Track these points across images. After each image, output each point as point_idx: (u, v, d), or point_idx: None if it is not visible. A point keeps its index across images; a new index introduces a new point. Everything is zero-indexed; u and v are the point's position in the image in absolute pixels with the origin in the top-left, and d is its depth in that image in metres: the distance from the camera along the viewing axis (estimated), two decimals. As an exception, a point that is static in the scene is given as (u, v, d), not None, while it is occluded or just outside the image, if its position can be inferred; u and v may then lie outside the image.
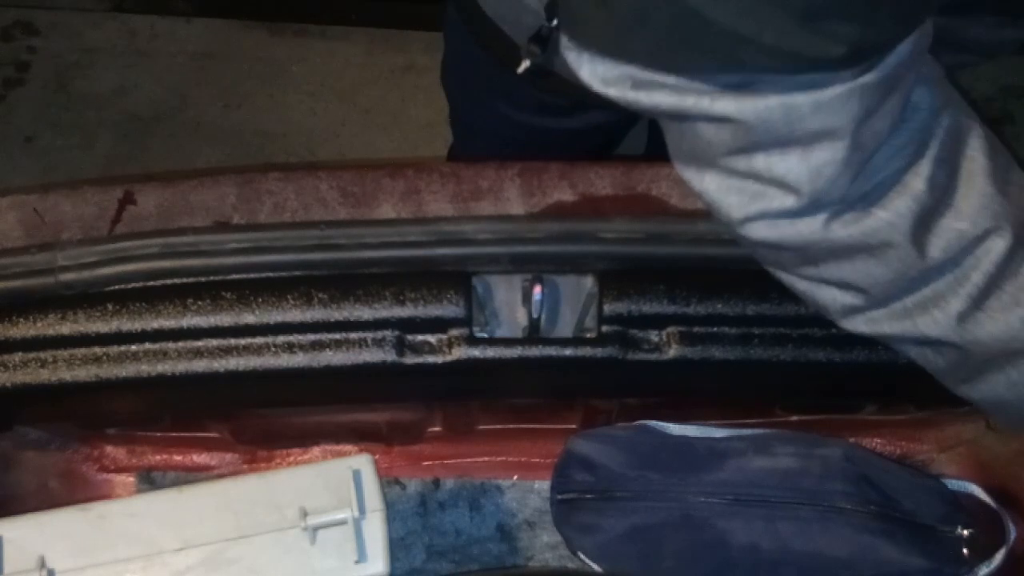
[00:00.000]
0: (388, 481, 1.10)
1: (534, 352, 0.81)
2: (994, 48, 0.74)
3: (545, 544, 1.09)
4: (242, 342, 0.80)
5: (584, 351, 0.81)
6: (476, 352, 0.80)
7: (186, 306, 0.80)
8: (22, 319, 0.80)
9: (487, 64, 0.98)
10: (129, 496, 1.08)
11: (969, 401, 0.72)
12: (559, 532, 0.96)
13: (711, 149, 0.61)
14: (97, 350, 0.80)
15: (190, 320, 0.79)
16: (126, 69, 2.15)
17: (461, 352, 0.80)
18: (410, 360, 0.81)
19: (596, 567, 0.94)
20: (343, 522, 0.78)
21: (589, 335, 0.81)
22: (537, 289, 0.79)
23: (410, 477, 1.11)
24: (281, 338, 0.80)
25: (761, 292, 0.80)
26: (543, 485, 1.08)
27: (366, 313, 0.80)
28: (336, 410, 1.00)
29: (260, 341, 0.80)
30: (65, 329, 0.79)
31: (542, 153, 1.10)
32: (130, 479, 1.10)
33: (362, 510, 0.79)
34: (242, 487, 0.80)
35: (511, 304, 0.82)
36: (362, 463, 0.81)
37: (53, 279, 0.79)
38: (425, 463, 1.11)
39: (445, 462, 1.11)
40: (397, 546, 1.07)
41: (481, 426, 1.05)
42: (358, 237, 0.80)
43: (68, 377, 0.79)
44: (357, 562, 0.78)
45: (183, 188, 0.83)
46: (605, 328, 0.81)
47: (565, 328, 0.82)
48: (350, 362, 0.80)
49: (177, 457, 1.10)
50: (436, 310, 0.80)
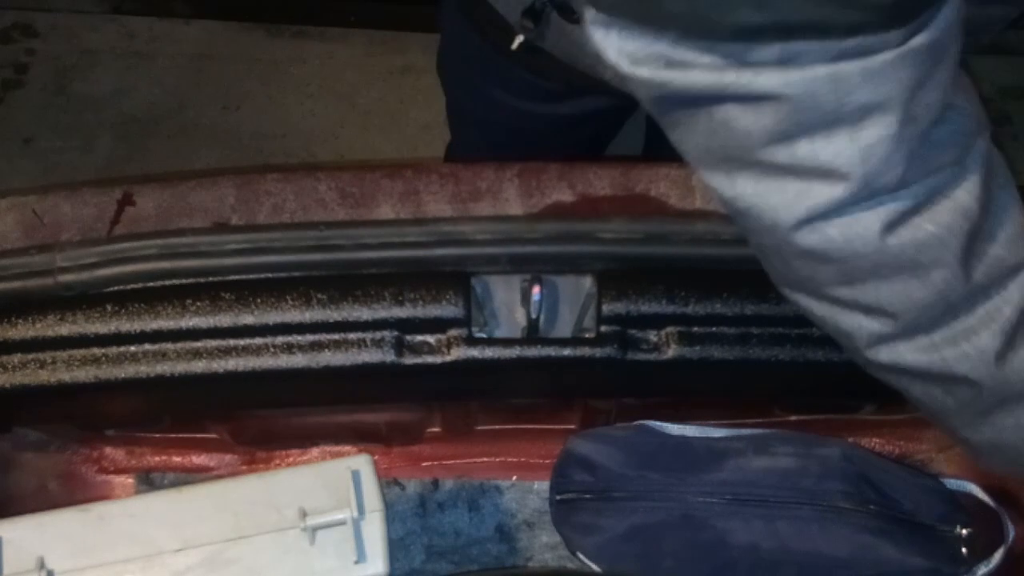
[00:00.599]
0: (387, 482, 1.10)
1: (533, 352, 0.81)
2: (982, 27, 0.72)
3: (544, 544, 1.09)
4: (241, 343, 0.80)
5: (583, 351, 0.81)
6: (475, 352, 0.80)
7: (185, 307, 0.80)
8: (21, 320, 0.80)
9: (481, 49, 0.98)
10: (128, 497, 1.08)
11: (965, 444, 0.70)
12: (558, 532, 0.96)
13: (748, 141, 0.56)
14: (96, 351, 0.80)
15: (189, 321, 0.79)
16: (125, 71, 2.15)
17: (460, 352, 0.80)
18: (409, 360, 0.81)
19: (595, 567, 0.94)
20: (342, 522, 0.78)
21: (588, 335, 0.81)
22: (536, 289, 0.79)
23: (409, 478, 1.11)
24: (280, 339, 0.80)
25: (760, 292, 0.80)
26: (542, 485, 1.08)
27: (365, 314, 0.80)
28: (335, 411, 1.00)
29: (259, 342, 0.80)
30: (64, 330, 0.79)
31: (537, 141, 1.10)
32: (129, 480, 1.10)
33: (361, 510, 0.79)
34: (241, 488, 0.80)
35: (510, 304, 0.82)
36: (361, 463, 0.81)
37: (52, 280, 0.79)
38: (424, 464, 1.11)
39: (444, 463, 1.11)
40: (396, 547, 1.07)
41: (480, 426, 1.05)
42: (357, 238, 0.81)
43: (67, 378, 0.79)
44: (356, 562, 0.78)
45: (182, 189, 0.83)
46: (604, 328, 0.81)
47: (564, 328, 0.82)
48: (349, 363, 0.80)
49: (176, 458, 1.10)
50: (435, 310, 0.80)
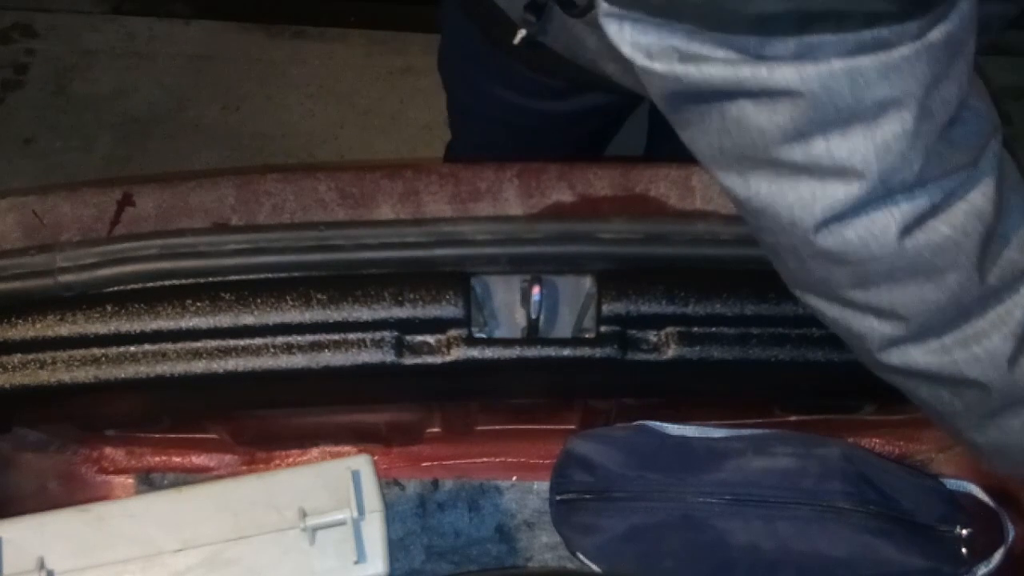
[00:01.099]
0: (387, 482, 1.10)
1: (533, 352, 0.81)
2: (981, 27, 0.72)
3: (544, 545, 1.09)
4: (241, 343, 0.80)
5: (583, 351, 0.81)
6: (475, 352, 0.80)
7: (185, 307, 0.80)
8: (21, 320, 0.80)
9: (482, 46, 0.98)
10: (128, 497, 1.08)
11: (969, 445, 0.70)
12: (558, 533, 0.96)
13: (762, 139, 0.56)
14: (96, 351, 0.80)
15: (189, 321, 0.79)
16: (125, 71, 2.15)
17: (460, 353, 0.80)
18: (409, 361, 0.81)
19: (595, 568, 0.94)
20: (342, 523, 0.78)
21: (588, 335, 0.81)
22: (536, 289, 0.79)
23: (409, 478, 1.11)
24: (280, 339, 0.80)
25: (759, 292, 0.80)
26: (542, 486, 1.08)
27: (365, 314, 0.80)
28: (335, 411, 1.00)
29: (259, 342, 0.80)
30: (64, 330, 0.79)
31: (538, 138, 1.10)
32: (129, 480, 1.10)
33: (361, 511, 0.79)
34: (241, 488, 0.80)
35: (510, 305, 0.82)
36: (361, 464, 0.81)
37: (52, 280, 0.79)
38: (424, 464, 1.11)
39: (444, 463, 1.11)
40: (396, 547, 1.07)
41: (480, 427, 1.05)
42: (357, 238, 0.81)
43: (67, 378, 0.79)
44: (356, 563, 0.78)
45: (182, 190, 0.83)
46: (603, 328, 0.81)
47: (564, 328, 0.82)
48: (349, 363, 0.80)
49: (176, 458, 1.10)
50: (435, 311, 0.80)
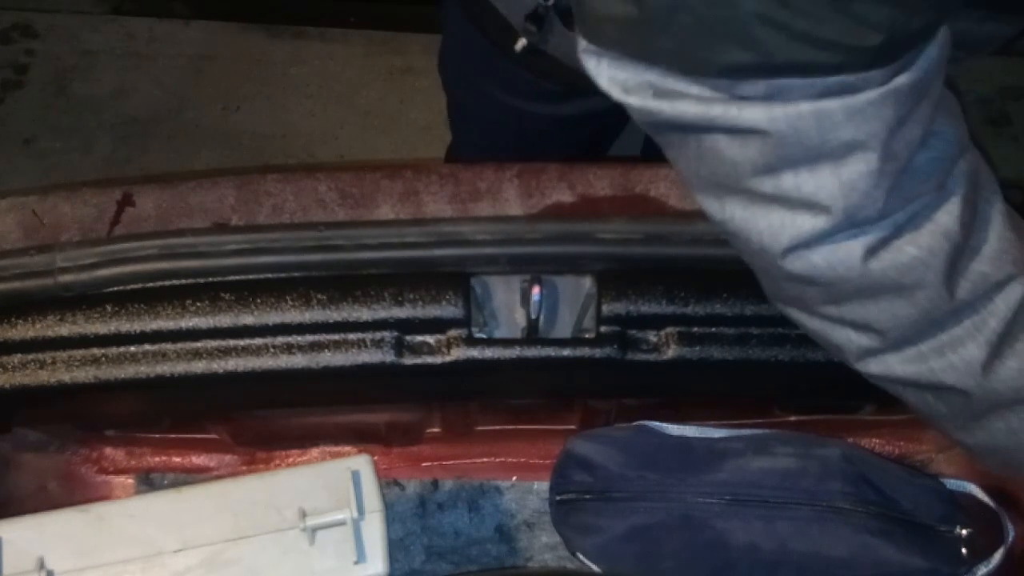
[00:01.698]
0: (387, 482, 1.10)
1: (533, 353, 0.81)
2: (978, 44, 0.73)
3: (544, 545, 1.09)
4: (241, 343, 0.80)
5: (582, 351, 0.81)
6: (475, 353, 0.80)
7: (185, 307, 0.80)
8: (21, 321, 0.80)
9: (483, 49, 0.98)
10: (128, 497, 1.08)
11: (962, 446, 0.71)
12: (558, 533, 0.96)
13: (735, 171, 0.58)
14: (96, 351, 0.80)
15: (189, 321, 0.79)
16: (125, 72, 2.15)
17: (460, 353, 0.80)
18: (409, 361, 0.81)
19: (595, 568, 0.94)
20: (342, 523, 0.78)
21: (587, 335, 0.81)
22: (536, 290, 0.79)
23: (409, 478, 1.11)
24: (280, 339, 0.80)
25: (759, 292, 0.80)
26: (542, 486, 1.08)
27: (365, 314, 0.80)
28: (335, 411, 1.00)
29: (259, 342, 0.80)
30: (64, 330, 0.79)
31: (538, 141, 1.10)
32: (129, 481, 1.10)
33: (361, 511, 0.79)
34: (241, 488, 0.80)
35: (510, 305, 0.82)
36: (361, 464, 0.81)
37: (52, 281, 0.79)
38: (424, 464, 1.11)
39: (444, 463, 1.11)
40: (396, 547, 1.07)
41: (480, 427, 1.05)
42: (357, 238, 0.81)
43: (67, 379, 0.79)
44: (356, 563, 0.78)
45: (182, 190, 0.83)
46: (603, 328, 0.81)
47: (564, 329, 0.82)
48: (349, 363, 0.80)
49: (176, 459, 1.10)
50: (435, 311, 0.80)
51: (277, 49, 2.19)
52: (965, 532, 0.90)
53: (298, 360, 0.80)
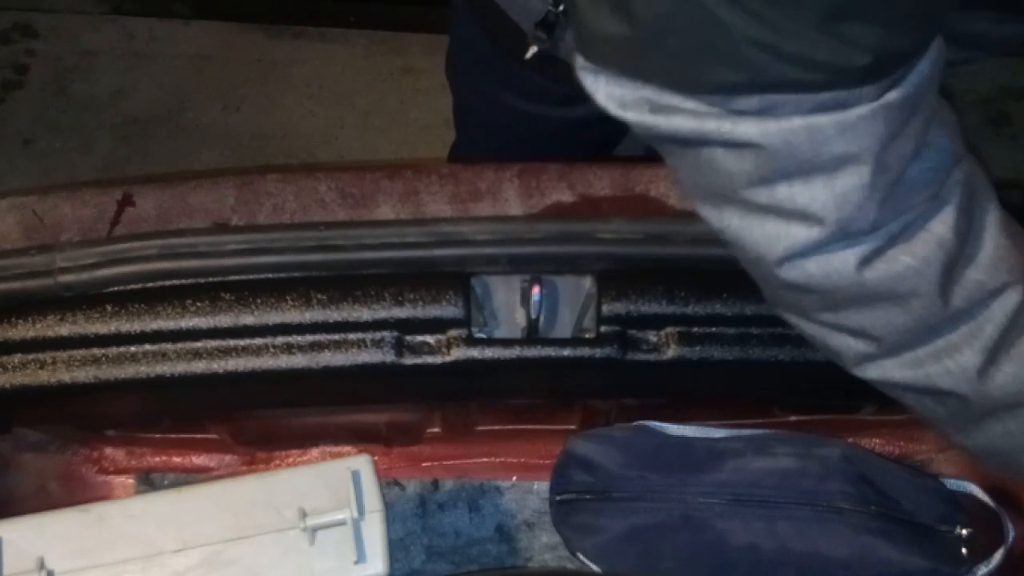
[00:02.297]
0: (387, 482, 1.10)
1: (533, 352, 0.81)
2: (996, 45, 0.73)
3: (544, 545, 1.09)
4: (241, 343, 0.80)
5: (583, 351, 0.81)
6: (475, 353, 0.80)
7: (185, 307, 0.80)
8: (21, 321, 0.80)
9: (493, 53, 0.98)
10: (128, 497, 1.08)
11: (960, 448, 0.72)
12: (558, 533, 0.96)
13: (731, 182, 0.59)
14: (96, 351, 0.80)
15: (189, 321, 0.79)
16: (125, 72, 2.15)
17: (460, 353, 0.80)
18: (409, 361, 0.81)
19: (595, 568, 0.94)
20: (342, 523, 0.78)
21: (588, 335, 0.81)
22: (536, 290, 0.79)
23: (409, 478, 1.11)
24: (280, 339, 0.80)
25: (759, 292, 0.80)
26: (542, 486, 1.08)
27: (365, 314, 0.80)
28: (335, 411, 1.00)
29: (259, 342, 0.80)
30: (64, 330, 0.79)
31: (547, 143, 1.10)
32: (129, 481, 1.10)
33: (361, 511, 0.79)
34: (241, 488, 0.80)
35: (510, 305, 0.82)
36: (361, 464, 0.81)
37: (52, 280, 0.79)
38: (424, 464, 1.11)
39: (444, 463, 1.11)
40: (396, 547, 1.07)
41: (480, 427, 1.05)
42: (357, 238, 0.81)
43: (67, 379, 0.79)
44: (356, 563, 0.78)
45: (182, 190, 0.83)
46: (603, 328, 0.81)
47: (564, 329, 0.82)
48: (349, 363, 0.80)
49: (176, 459, 1.10)
50: (435, 311, 0.80)
51: (277, 49, 2.19)
52: (965, 532, 0.90)
53: (298, 360, 0.80)
